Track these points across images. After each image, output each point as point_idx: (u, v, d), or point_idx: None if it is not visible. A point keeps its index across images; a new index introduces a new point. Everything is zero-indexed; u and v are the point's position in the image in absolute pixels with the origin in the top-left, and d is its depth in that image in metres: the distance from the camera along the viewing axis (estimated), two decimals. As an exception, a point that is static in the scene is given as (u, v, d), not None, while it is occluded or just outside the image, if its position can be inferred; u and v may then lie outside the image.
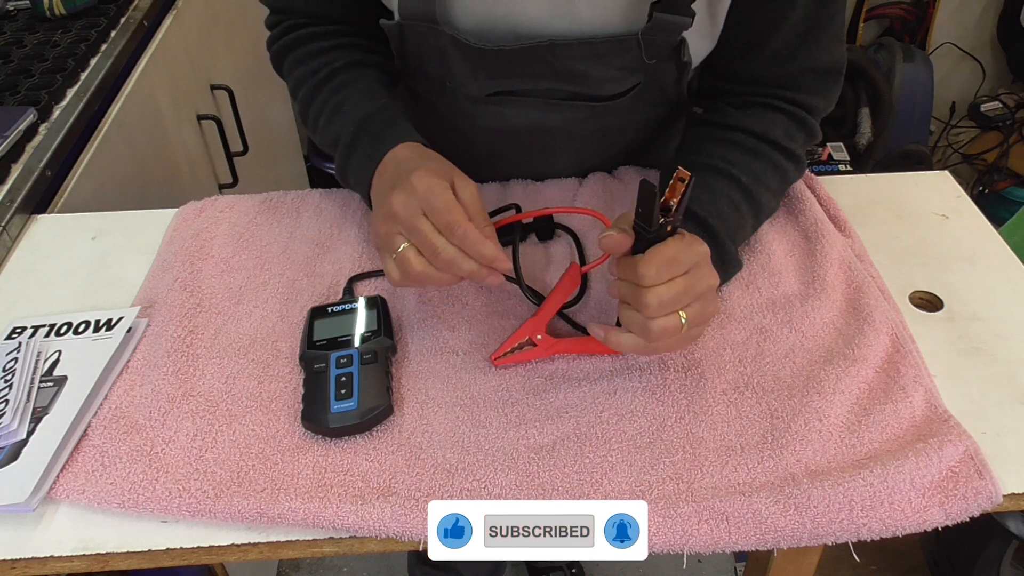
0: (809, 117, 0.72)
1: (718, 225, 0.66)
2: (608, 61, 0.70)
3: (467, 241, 0.57)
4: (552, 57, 0.69)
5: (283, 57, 0.78)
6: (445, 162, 0.65)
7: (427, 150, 0.67)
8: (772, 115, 0.71)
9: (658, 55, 0.69)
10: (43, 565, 0.53)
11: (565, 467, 0.57)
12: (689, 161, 0.70)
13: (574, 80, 0.72)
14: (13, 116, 0.88)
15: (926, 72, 2.16)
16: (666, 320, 0.55)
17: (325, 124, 0.73)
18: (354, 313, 0.67)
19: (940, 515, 0.53)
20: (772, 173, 0.71)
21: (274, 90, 1.76)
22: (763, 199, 0.70)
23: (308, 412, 0.60)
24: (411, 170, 0.61)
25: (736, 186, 0.68)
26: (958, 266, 0.74)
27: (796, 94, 0.71)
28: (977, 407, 0.61)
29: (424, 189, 0.59)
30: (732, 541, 0.53)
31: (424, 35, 0.70)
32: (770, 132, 0.70)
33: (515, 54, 0.69)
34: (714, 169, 0.69)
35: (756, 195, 0.69)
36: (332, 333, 0.65)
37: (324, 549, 0.54)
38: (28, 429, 0.58)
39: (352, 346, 0.64)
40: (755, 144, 0.70)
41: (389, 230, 0.60)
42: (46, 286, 0.75)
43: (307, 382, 0.62)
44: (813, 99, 0.72)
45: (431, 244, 0.58)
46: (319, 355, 0.63)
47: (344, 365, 0.62)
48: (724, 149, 0.71)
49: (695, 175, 0.52)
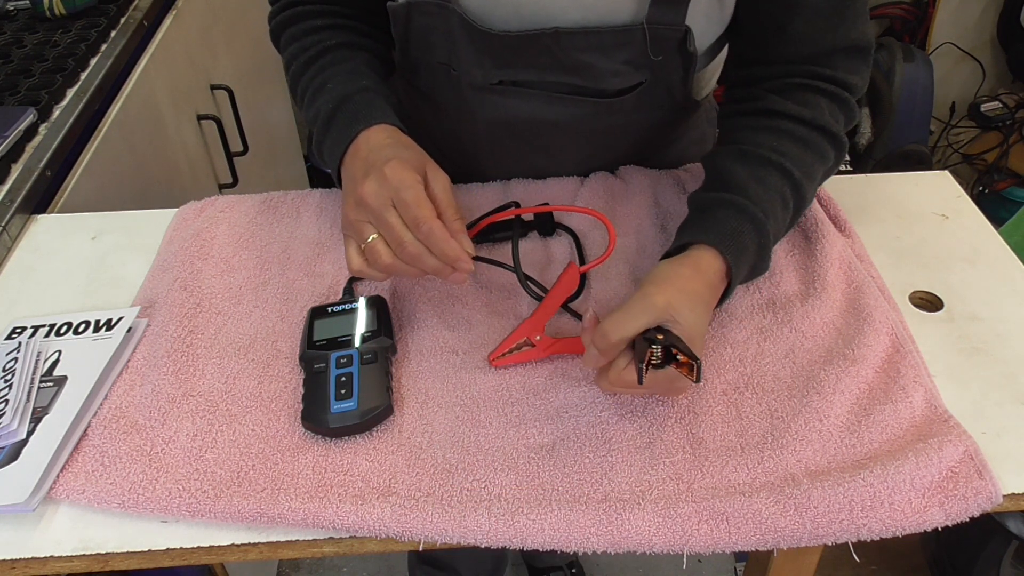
0: (850, 97, 0.70)
1: (772, 228, 0.64)
2: (613, 53, 0.70)
3: (431, 238, 0.59)
4: (557, 46, 0.69)
5: (280, 32, 0.79)
6: (419, 151, 0.66)
7: (402, 136, 0.68)
8: (816, 98, 0.69)
9: (664, 49, 0.69)
10: (43, 565, 0.53)
11: (565, 467, 0.57)
12: (739, 150, 0.68)
13: (579, 72, 0.72)
14: (13, 116, 0.88)
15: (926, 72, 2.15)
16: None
17: (309, 100, 0.74)
18: (354, 313, 0.67)
19: (940, 515, 0.53)
20: (819, 165, 0.69)
21: (274, 90, 1.76)
22: (808, 195, 0.68)
23: (308, 412, 0.60)
24: (386, 159, 0.61)
25: (788, 181, 0.66)
26: (958, 266, 0.74)
27: (833, 72, 0.69)
28: (977, 407, 0.61)
29: (396, 181, 0.60)
30: (732, 541, 0.53)
31: (432, 16, 0.70)
32: (819, 118, 0.68)
33: (521, 40, 0.69)
34: (767, 161, 0.66)
35: (804, 191, 0.67)
36: (332, 333, 0.65)
37: (324, 549, 0.54)
38: (28, 429, 0.58)
39: (352, 346, 0.64)
40: (805, 132, 0.68)
41: (359, 218, 0.62)
42: (46, 286, 0.75)
43: (307, 382, 0.62)
44: (850, 77, 0.70)
45: (398, 237, 0.60)
46: (319, 355, 0.63)
47: (344, 365, 0.62)
48: (774, 138, 0.68)
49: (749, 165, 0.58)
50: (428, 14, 0.70)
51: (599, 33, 0.68)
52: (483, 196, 0.82)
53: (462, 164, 0.75)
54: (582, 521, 0.53)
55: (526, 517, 0.53)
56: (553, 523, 0.53)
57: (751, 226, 0.63)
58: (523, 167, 0.84)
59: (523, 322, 0.66)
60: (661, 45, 0.69)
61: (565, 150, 0.81)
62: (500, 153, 0.83)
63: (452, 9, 0.68)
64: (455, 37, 0.71)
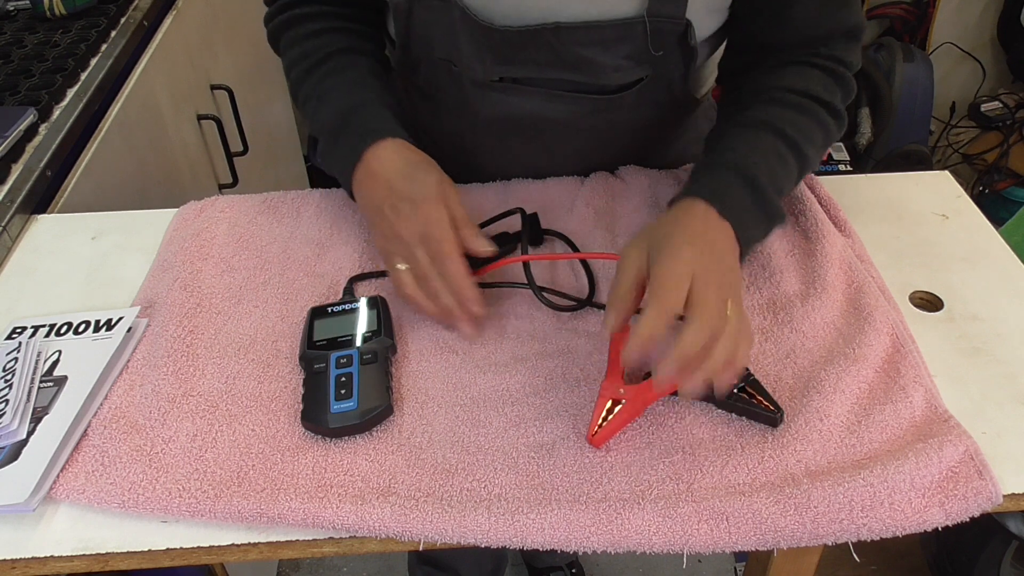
0: (846, 71, 0.72)
1: (766, 181, 0.65)
2: (614, 48, 0.70)
3: (448, 274, 0.64)
4: (558, 42, 0.69)
5: (279, 36, 0.79)
6: (431, 168, 0.68)
7: (411, 153, 0.69)
8: (809, 72, 0.71)
9: (665, 44, 0.69)
10: (43, 565, 0.53)
11: (565, 467, 0.57)
12: (733, 121, 0.70)
13: (580, 68, 0.72)
14: (13, 116, 0.89)
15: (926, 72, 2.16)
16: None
17: (313, 109, 0.75)
18: (354, 313, 0.67)
19: (940, 515, 0.53)
20: (816, 128, 0.70)
21: (274, 90, 1.76)
22: (808, 152, 0.69)
23: (308, 412, 0.60)
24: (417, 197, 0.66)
25: (782, 139, 0.68)
26: (958, 266, 0.74)
27: (830, 51, 0.71)
28: (977, 407, 0.61)
29: (425, 219, 0.65)
30: (732, 541, 0.53)
31: (434, 10, 0.70)
32: (811, 88, 0.70)
33: (521, 36, 0.69)
34: (758, 123, 0.69)
35: (803, 148, 0.68)
36: (332, 333, 0.65)
37: (324, 549, 0.54)
38: (28, 429, 0.58)
39: (352, 346, 0.64)
40: (797, 100, 0.70)
41: (388, 248, 0.67)
42: (46, 286, 0.75)
43: (307, 382, 0.62)
44: (846, 55, 0.72)
45: (423, 272, 0.65)
46: (319, 355, 0.63)
47: (344, 365, 0.62)
48: (767, 106, 0.70)
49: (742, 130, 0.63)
50: (430, 8, 0.71)
51: (600, 27, 0.68)
52: (483, 196, 0.82)
53: (462, 162, 0.75)
54: (582, 521, 0.53)
55: (526, 517, 0.53)
56: (553, 523, 0.53)
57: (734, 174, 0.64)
58: (523, 164, 0.84)
59: (601, 389, 0.60)
60: (662, 39, 0.69)
61: (566, 147, 0.81)
62: (500, 150, 0.83)
63: (454, 3, 0.68)
64: (456, 32, 0.71)
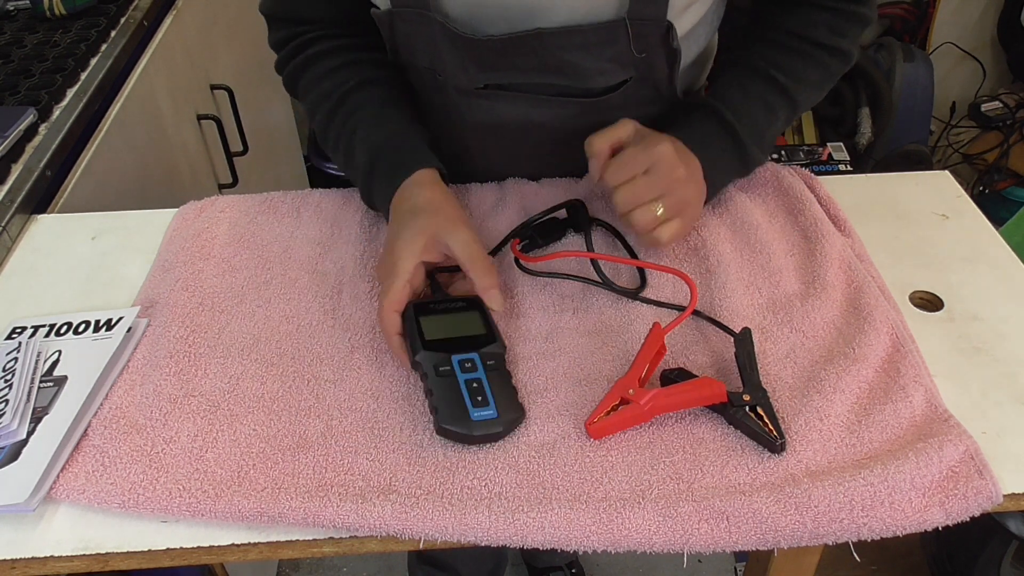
0: (859, 8, 0.73)
1: (744, 130, 0.72)
2: (598, 51, 0.70)
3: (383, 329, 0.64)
4: (541, 47, 0.69)
5: (296, 80, 0.80)
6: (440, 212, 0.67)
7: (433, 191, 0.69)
8: (816, 14, 0.73)
9: (647, 46, 0.69)
10: (43, 565, 0.53)
11: (566, 466, 0.57)
12: (732, 57, 0.75)
13: (564, 72, 0.71)
14: (13, 116, 0.89)
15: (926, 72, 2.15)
16: (641, 213, 0.66)
17: (345, 152, 0.76)
18: (459, 313, 0.64)
19: (940, 515, 0.53)
20: (814, 68, 0.74)
21: (274, 90, 1.76)
22: (800, 96, 0.74)
23: (445, 417, 0.57)
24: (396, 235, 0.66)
25: (773, 87, 0.73)
26: (958, 266, 0.74)
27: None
28: (977, 407, 0.61)
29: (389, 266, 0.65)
30: (732, 541, 0.53)
31: (414, 23, 0.70)
32: (812, 33, 0.72)
33: (504, 44, 0.69)
34: (754, 68, 0.74)
35: (794, 94, 0.73)
36: (444, 333, 0.62)
37: (324, 549, 0.54)
38: (28, 429, 0.58)
39: (470, 349, 0.61)
40: (797, 44, 0.73)
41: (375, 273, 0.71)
42: (46, 286, 0.75)
43: (433, 385, 0.59)
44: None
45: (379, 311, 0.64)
46: (439, 357, 0.60)
47: (469, 370, 0.60)
48: (765, 48, 0.74)
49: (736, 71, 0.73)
50: (409, 21, 0.70)
51: (582, 31, 0.68)
52: (482, 196, 0.82)
53: (453, 165, 0.75)
54: (582, 520, 0.53)
55: (526, 515, 0.53)
56: (553, 522, 0.53)
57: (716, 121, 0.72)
58: (512, 168, 0.84)
59: (614, 384, 0.60)
60: (644, 41, 0.69)
61: (555, 150, 0.81)
62: (490, 155, 0.83)
63: (432, 17, 0.68)
64: (437, 43, 0.71)
